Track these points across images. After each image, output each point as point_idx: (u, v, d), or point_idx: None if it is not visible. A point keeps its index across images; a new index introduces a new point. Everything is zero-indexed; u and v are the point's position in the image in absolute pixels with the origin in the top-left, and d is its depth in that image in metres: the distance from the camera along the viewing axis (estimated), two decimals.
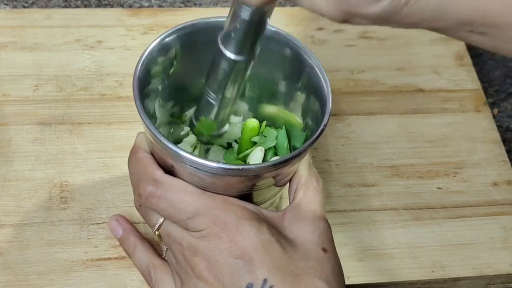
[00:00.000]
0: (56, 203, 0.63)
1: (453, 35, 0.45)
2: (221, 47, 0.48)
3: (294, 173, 0.54)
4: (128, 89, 0.71)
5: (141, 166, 0.51)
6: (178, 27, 0.53)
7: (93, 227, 0.62)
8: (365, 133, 0.73)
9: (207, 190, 0.50)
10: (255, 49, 0.49)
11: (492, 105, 0.83)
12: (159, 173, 0.50)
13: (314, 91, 0.52)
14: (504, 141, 0.76)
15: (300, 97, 0.55)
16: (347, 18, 0.42)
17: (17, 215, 0.62)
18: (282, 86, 0.56)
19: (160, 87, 0.54)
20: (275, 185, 0.53)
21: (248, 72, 0.51)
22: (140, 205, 0.52)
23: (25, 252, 0.60)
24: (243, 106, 0.59)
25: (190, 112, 0.58)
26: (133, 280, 0.60)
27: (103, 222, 0.62)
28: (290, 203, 0.54)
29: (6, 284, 0.58)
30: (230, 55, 0.48)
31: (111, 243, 0.61)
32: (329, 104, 0.51)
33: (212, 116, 0.54)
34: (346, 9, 0.41)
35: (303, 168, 0.54)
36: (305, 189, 0.53)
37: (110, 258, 0.61)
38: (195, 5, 0.84)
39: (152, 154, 0.52)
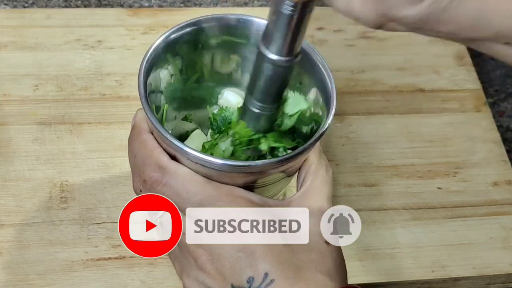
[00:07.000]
0: (56, 203, 0.63)
1: (485, 48, 0.43)
2: (263, 50, 0.46)
3: (304, 160, 0.52)
4: (128, 89, 0.71)
5: (146, 150, 0.50)
6: (184, 23, 0.53)
7: (93, 227, 0.62)
8: (365, 133, 0.73)
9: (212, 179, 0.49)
10: (298, 47, 0.46)
11: (492, 105, 0.83)
12: (165, 159, 0.49)
13: (318, 88, 0.52)
14: (504, 141, 0.76)
15: (306, 93, 0.55)
16: (382, 22, 0.40)
17: (17, 215, 0.62)
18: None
19: (165, 85, 0.54)
20: (285, 172, 0.53)
21: (293, 73, 0.49)
22: (141, 190, 0.51)
23: (25, 252, 0.60)
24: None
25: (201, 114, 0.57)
26: (133, 280, 0.60)
27: (103, 222, 0.62)
28: (297, 191, 0.52)
29: (6, 284, 0.58)
30: (273, 56, 0.46)
31: (111, 243, 0.61)
32: (334, 101, 0.50)
33: (257, 124, 0.52)
34: (383, 11, 0.39)
35: (313, 156, 0.52)
36: (313, 178, 0.52)
37: (110, 258, 0.61)
38: (195, 5, 0.84)
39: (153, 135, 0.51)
